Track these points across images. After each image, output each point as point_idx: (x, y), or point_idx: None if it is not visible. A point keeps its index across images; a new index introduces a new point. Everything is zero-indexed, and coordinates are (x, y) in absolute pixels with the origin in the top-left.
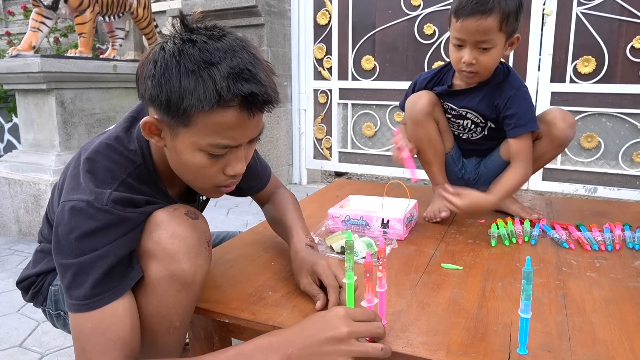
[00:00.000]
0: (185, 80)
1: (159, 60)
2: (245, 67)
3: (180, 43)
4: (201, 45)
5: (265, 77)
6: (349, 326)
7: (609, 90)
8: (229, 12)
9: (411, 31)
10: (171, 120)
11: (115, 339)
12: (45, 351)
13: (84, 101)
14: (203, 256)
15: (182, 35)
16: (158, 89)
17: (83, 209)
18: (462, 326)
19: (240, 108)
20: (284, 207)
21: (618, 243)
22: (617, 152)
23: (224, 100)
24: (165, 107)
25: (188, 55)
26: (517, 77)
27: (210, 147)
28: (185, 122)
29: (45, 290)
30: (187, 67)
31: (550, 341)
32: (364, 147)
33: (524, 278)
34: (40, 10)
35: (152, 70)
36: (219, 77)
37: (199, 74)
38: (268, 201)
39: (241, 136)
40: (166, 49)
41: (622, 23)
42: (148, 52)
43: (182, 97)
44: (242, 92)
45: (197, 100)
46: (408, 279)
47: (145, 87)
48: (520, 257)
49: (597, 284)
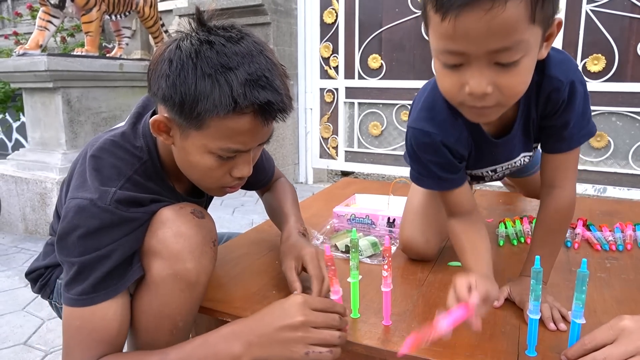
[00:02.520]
0: (201, 83)
1: (175, 60)
2: (262, 74)
3: (197, 44)
4: (219, 48)
5: (281, 85)
6: (304, 315)
7: (619, 88)
8: (236, 11)
9: (418, 30)
10: (183, 121)
11: (100, 340)
12: (49, 349)
13: (90, 100)
14: (208, 256)
15: (200, 35)
16: (172, 90)
17: (86, 207)
18: (469, 327)
19: (254, 115)
20: (282, 196)
21: (629, 243)
22: (627, 152)
23: (240, 108)
24: (179, 108)
25: (205, 58)
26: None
27: (220, 151)
28: (197, 125)
29: (53, 283)
30: (204, 70)
31: (560, 343)
32: (370, 146)
33: (532, 278)
34: (47, 9)
35: (167, 70)
36: (236, 83)
37: (215, 78)
38: (268, 190)
39: (252, 141)
40: (182, 48)
41: (633, 20)
42: (163, 48)
43: (197, 100)
44: (258, 100)
45: (212, 105)
46: (414, 279)
47: (159, 86)
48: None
49: (607, 285)
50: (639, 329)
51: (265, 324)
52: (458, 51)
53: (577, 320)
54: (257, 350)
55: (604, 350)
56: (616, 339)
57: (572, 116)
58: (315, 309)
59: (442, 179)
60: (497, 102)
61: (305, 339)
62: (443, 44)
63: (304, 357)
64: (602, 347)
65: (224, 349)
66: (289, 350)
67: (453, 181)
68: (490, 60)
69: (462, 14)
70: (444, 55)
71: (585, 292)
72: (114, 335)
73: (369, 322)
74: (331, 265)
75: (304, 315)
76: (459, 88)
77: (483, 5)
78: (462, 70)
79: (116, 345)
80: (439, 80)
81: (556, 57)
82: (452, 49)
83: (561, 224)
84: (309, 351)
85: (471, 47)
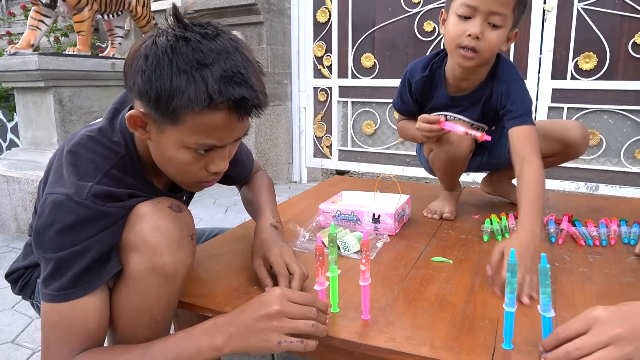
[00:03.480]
0: (176, 79)
1: (151, 56)
2: (237, 71)
3: (173, 40)
4: (195, 44)
5: (256, 81)
6: (280, 305)
7: (611, 86)
8: (229, 10)
9: (411, 28)
10: (159, 116)
11: (79, 334)
12: (37, 347)
13: (82, 99)
14: (186, 250)
15: (176, 32)
16: (148, 85)
17: (63, 202)
18: (448, 321)
19: (229, 111)
20: (258, 189)
21: (613, 238)
22: (619, 150)
23: (215, 103)
24: (154, 103)
25: (181, 54)
26: (508, 67)
27: (196, 146)
28: (173, 120)
29: (33, 283)
30: (180, 66)
31: (537, 336)
32: (364, 145)
33: (508, 271)
34: (38, 9)
35: (143, 66)
36: (211, 79)
37: (191, 74)
38: (246, 184)
39: (227, 137)
40: (158, 44)
41: (624, 19)
42: (139, 44)
43: (173, 96)
44: (233, 97)
45: (187, 101)
46: (396, 274)
47: (134, 81)
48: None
49: (589, 279)
50: (611, 319)
51: (246, 315)
52: (472, 5)
53: (546, 314)
54: (237, 341)
55: (577, 341)
56: (589, 329)
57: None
58: (295, 302)
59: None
60: (479, 49)
61: (279, 329)
62: (465, 1)
63: (276, 346)
64: (575, 337)
65: (206, 341)
66: (263, 340)
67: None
68: (486, 20)
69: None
70: (461, 7)
71: (549, 286)
72: (94, 329)
73: (347, 316)
74: (319, 255)
75: (280, 305)
76: (462, 33)
77: None
78: (467, 22)
79: (96, 339)
80: (450, 29)
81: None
82: (471, 4)
83: (535, 191)
84: (282, 340)
85: (482, 5)
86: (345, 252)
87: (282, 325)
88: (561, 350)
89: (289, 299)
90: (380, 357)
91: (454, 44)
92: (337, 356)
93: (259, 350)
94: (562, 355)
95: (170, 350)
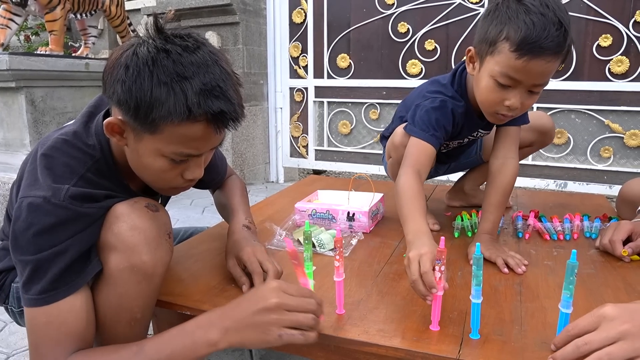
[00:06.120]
0: (157, 90)
1: (132, 67)
2: (216, 84)
3: (154, 52)
4: (175, 57)
5: (234, 95)
6: (278, 297)
7: (577, 87)
8: (204, 10)
9: (385, 29)
10: (137, 125)
11: (69, 333)
12: (11, 351)
13: (55, 100)
14: (163, 248)
15: (157, 43)
16: (128, 95)
17: (40, 205)
18: (419, 314)
19: (207, 123)
20: (231, 192)
21: (576, 233)
22: (585, 148)
23: (193, 116)
24: (134, 113)
25: (162, 66)
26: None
27: (173, 155)
28: (151, 130)
29: (8, 288)
30: (160, 78)
31: (503, 326)
32: (340, 145)
33: (474, 264)
34: (8, 7)
35: (124, 76)
36: (190, 92)
37: (171, 86)
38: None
39: (204, 147)
40: (139, 55)
41: (589, 22)
42: (119, 53)
43: (152, 107)
44: (212, 110)
45: (167, 112)
46: (370, 270)
47: (114, 90)
48: None
49: (553, 272)
50: (620, 316)
51: (242, 309)
52: (516, 79)
53: (564, 310)
54: (233, 335)
55: (586, 336)
56: (598, 326)
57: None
58: (291, 294)
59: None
60: (514, 114)
61: (279, 322)
62: (506, 71)
63: (277, 339)
64: (585, 334)
65: (201, 336)
66: (263, 333)
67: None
68: (528, 88)
69: (533, 60)
70: (502, 77)
71: (573, 283)
72: (83, 327)
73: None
74: (293, 259)
75: (278, 297)
76: (500, 101)
77: (547, 58)
78: (507, 90)
79: (86, 338)
80: (486, 92)
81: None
82: (512, 76)
83: (510, 188)
84: (282, 333)
85: (525, 79)
86: (320, 250)
87: (282, 318)
88: (571, 346)
89: (285, 292)
90: (354, 349)
91: (489, 109)
92: (313, 349)
93: (258, 343)
94: (571, 350)
95: (164, 347)
